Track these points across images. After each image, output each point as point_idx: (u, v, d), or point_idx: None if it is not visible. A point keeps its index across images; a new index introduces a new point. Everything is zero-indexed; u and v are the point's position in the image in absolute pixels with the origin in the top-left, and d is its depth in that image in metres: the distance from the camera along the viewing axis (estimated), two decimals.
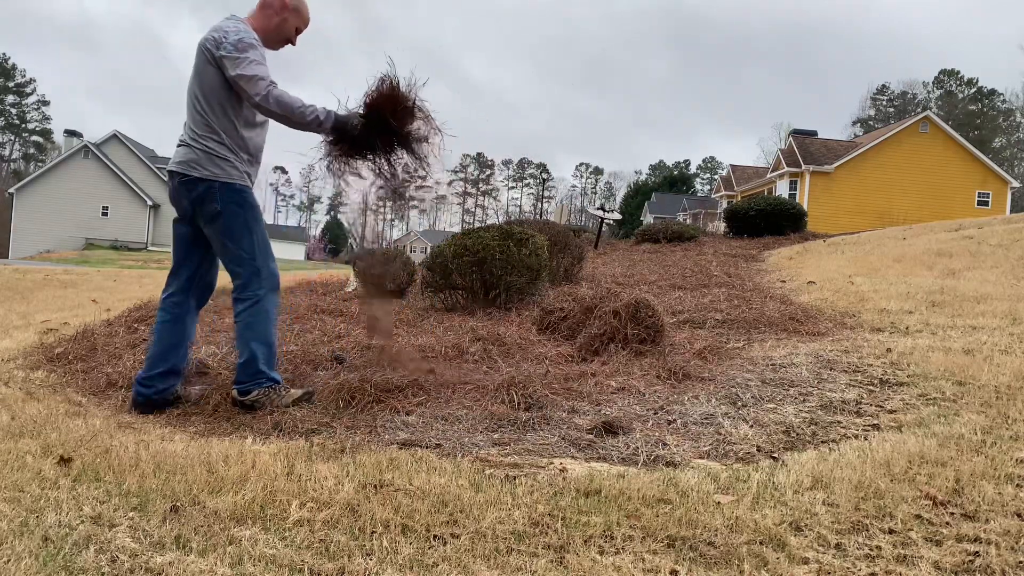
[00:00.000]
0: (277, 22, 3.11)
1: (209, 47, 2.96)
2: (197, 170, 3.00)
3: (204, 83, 2.99)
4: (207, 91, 2.99)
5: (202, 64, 2.99)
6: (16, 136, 76.43)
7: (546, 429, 2.90)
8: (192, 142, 3.01)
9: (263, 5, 3.14)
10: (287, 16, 3.12)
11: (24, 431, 2.76)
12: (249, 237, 3.08)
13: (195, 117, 3.03)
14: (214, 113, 3.00)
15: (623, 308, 4.26)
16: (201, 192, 3.01)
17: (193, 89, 3.03)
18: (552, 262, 6.86)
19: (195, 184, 3.01)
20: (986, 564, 1.74)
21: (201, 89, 3.00)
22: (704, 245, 14.83)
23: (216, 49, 2.94)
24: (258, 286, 3.09)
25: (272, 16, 3.11)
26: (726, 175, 44.81)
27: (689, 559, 1.78)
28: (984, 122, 66.88)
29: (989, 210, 29.33)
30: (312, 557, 1.76)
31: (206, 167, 3.00)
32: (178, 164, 3.05)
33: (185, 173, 3.01)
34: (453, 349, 4.14)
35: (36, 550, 1.75)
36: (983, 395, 3.17)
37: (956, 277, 7.33)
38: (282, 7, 3.11)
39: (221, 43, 2.94)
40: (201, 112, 3.01)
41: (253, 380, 3.09)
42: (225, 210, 3.03)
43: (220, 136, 3.01)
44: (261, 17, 3.11)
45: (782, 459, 2.51)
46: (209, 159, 3.00)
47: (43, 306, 7.65)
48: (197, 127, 3.02)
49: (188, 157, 3.02)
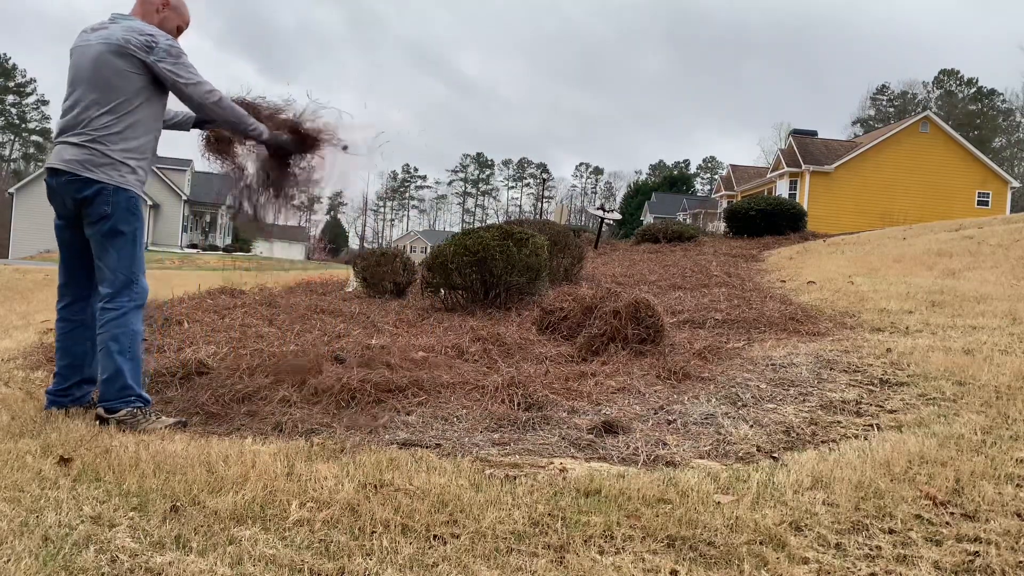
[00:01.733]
0: (158, 20, 3.07)
1: (134, 48, 2.89)
2: (92, 172, 2.89)
3: (121, 84, 2.90)
4: (124, 92, 2.91)
5: (124, 66, 2.90)
6: (16, 136, 76.45)
7: (546, 429, 2.90)
8: (89, 143, 2.90)
9: (142, 1, 3.09)
10: (167, 14, 3.11)
11: (24, 431, 2.76)
12: (132, 247, 2.98)
13: (96, 116, 2.90)
14: (127, 116, 2.93)
15: (623, 308, 4.26)
16: (91, 194, 2.90)
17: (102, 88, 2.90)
18: (552, 262, 6.86)
19: (86, 185, 2.89)
20: (986, 564, 1.74)
21: (113, 89, 2.90)
22: (704, 245, 14.84)
23: (147, 52, 2.89)
24: (128, 298, 2.96)
25: (152, 13, 3.07)
26: (726, 175, 44.82)
27: (689, 559, 1.78)
28: (984, 122, 66.89)
29: (989, 210, 29.33)
30: (312, 557, 1.76)
31: (102, 169, 2.90)
32: (67, 163, 2.91)
33: (75, 173, 2.89)
34: (453, 349, 4.14)
35: (36, 550, 1.75)
36: (983, 395, 3.17)
37: (956, 277, 7.34)
38: (163, 5, 3.09)
39: (152, 46, 2.90)
40: (108, 112, 2.91)
41: (120, 397, 2.90)
42: (115, 215, 2.92)
43: (125, 139, 2.94)
44: (144, 14, 3.07)
45: (782, 459, 2.51)
46: (107, 161, 2.90)
47: (43, 306, 7.66)
48: (97, 127, 2.90)
49: (81, 157, 2.89)
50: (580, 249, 8.00)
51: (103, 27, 2.97)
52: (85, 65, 2.93)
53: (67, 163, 2.90)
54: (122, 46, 2.89)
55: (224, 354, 3.96)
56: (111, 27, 2.95)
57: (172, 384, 3.47)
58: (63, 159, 2.92)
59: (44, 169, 3.06)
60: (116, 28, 2.94)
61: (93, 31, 2.98)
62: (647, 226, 18.12)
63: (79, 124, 2.91)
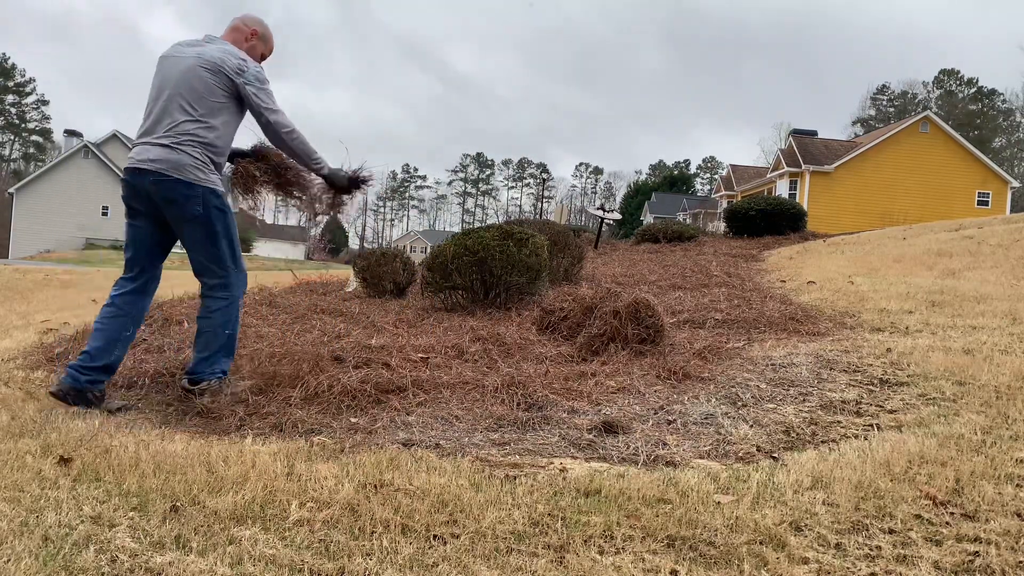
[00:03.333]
0: (246, 48, 3.34)
1: (229, 69, 3.13)
2: (182, 173, 3.07)
3: (209, 97, 3.13)
4: (211, 105, 3.13)
5: (215, 82, 3.13)
6: (16, 136, 76.43)
7: (546, 429, 2.90)
8: (177, 145, 3.08)
9: (234, 29, 3.36)
10: (255, 43, 3.39)
11: (24, 431, 2.76)
12: (228, 241, 3.24)
13: (184, 122, 3.10)
14: (212, 126, 3.14)
15: (623, 308, 4.26)
16: (182, 195, 3.08)
17: (193, 97, 3.11)
18: (552, 262, 6.86)
19: (177, 186, 3.07)
20: (986, 564, 1.74)
21: (202, 100, 3.12)
22: (704, 245, 14.84)
23: (239, 74, 3.15)
24: (234, 287, 3.27)
25: (241, 41, 3.34)
26: (726, 175, 44.81)
27: (689, 559, 1.78)
28: (984, 122, 66.88)
29: (989, 210, 29.33)
30: (312, 557, 1.76)
31: (192, 172, 3.08)
32: (154, 162, 3.07)
33: (165, 173, 3.06)
34: (453, 349, 4.14)
35: (36, 550, 1.75)
36: (983, 395, 3.17)
37: (956, 277, 7.34)
38: (252, 34, 3.38)
39: (244, 70, 3.16)
40: (196, 120, 3.11)
41: (210, 371, 3.23)
42: (208, 214, 3.14)
43: (209, 146, 3.14)
44: (235, 41, 3.33)
45: (782, 459, 2.51)
46: (196, 164, 3.10)
47: (43, 306, 7.66)
48: (185, 132, 3.09)
49: (171, 158, 3.07)
50: (580, 249, 7.99)
51: (198, 44, 3.24)
52: (176, 75, 3.14)
53: (154, 163, 3.08)
54: (217, 64, 3.13)
55: None
56: (207, 46, 3.22)
57: (172, 384, 3.46)
58: (149, 159, 3.09)
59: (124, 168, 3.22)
60: (211, 48, 3.20)
61: (189, 46, 3.23)
62: (647, 226, 18.12)
63: (166, 128, 3.11)
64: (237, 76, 3.15)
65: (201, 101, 3.12)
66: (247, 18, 3.40)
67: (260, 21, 3.43)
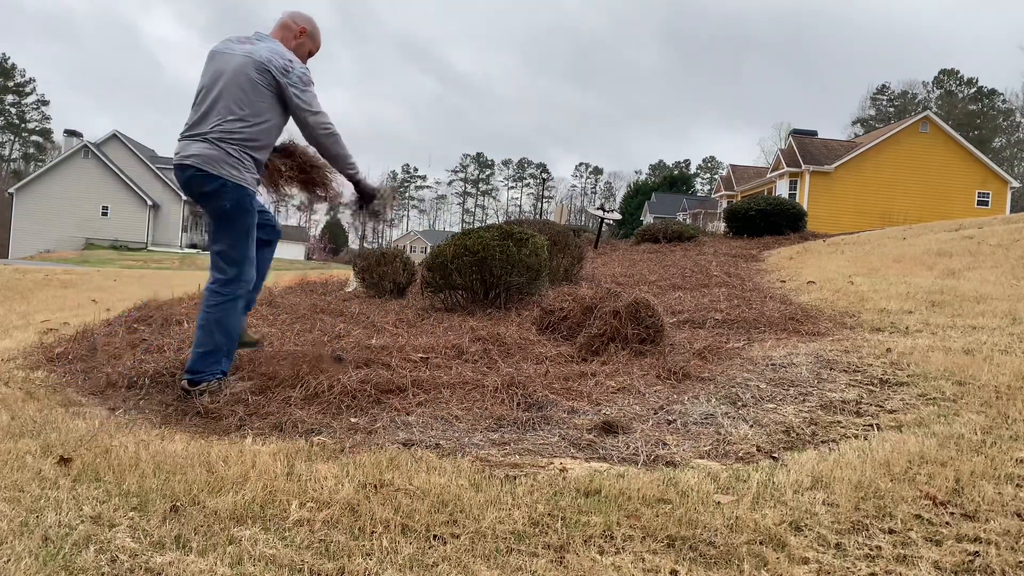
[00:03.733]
0: (296, 44, 3.42)
1: (275, 69, 3.20)
2: (216, 168, 3.15)
3: (254, 95, 3.20)
4: (255, 103, 3.20)
5: (261, 81, 3.20)
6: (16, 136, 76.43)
7: (546, 429, 2.90)
8: (217, 141, 3.17)
9: (283, 26, 3.43)
10: (303, 40, 3.46)
11: (24, 431, 2.76)
12: (244, 240, 3.29)
13: (228, 120, 3.18)
14: (255, 124, 3.22)
15: (623, 308, 4.25)
16: (213, 189, 3.18)
17: (237, 94, 3.18)
18: (552, 262, 6.85)
19: (209, 180, 3.16)
20: (986, 564, 1.74)
21: (250, 99, 3.19)
22: (704, 245, 14.84)
23: (284, 75, 3.22)
24: (236, 286, 3.30)
25: (291, 39, 3.42)
26: (726, 175, 44.80)
27: (689, 559, 1.78)
28: (984, 122, 66.88)
29: (989, 210, 29.32)
30: (312, 557, 1.76)
31: (224, 167, 3.16)
32: (193, 158, 3.17)
33: (200, 168, 3.16)
34: (453, 349, 4.13)
35: (36, 550, 1.75)
36: (983, 395, 3.17)
37: (956, 277, 7.34)
38: (301, 32, 3.44)
39: (289, 71, 3.23)
40: (239, 118, 3.19)
41: (209, 371, 3.25)
42: (235, 211, 3.22)
43: (248, 144, 3.22)
44: (284, 39, 3.40)
45: (782, 459, 2.51)
46: (231, 160, 3.18)
47: (43, 306, 7.66)
48: (227, 129, 3.18)
49: (209, 153, 3.16)
50: (580, 249, 7.99)
51: (248, 42, 3.29)
52: (225, 71, 3.21)
53: (194, 158, 3.18)
54: (264, 63, 3.20)
55: None
56: (257, 44, 3.27)
57: (172, 384, 3.46)
58: (190, 154, 3.19)
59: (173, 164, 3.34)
60: (261, 46, 3.26)
61: (239, 43, 3.29)
62: (647, 226, 18.11)
63: (210, 125, 3.19)
64: (282, 76, 3.21)
65: (246, 100, 3.18)
66: (297, 16, 3.47)
67: (309, 19, 3.49)
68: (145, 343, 4.32)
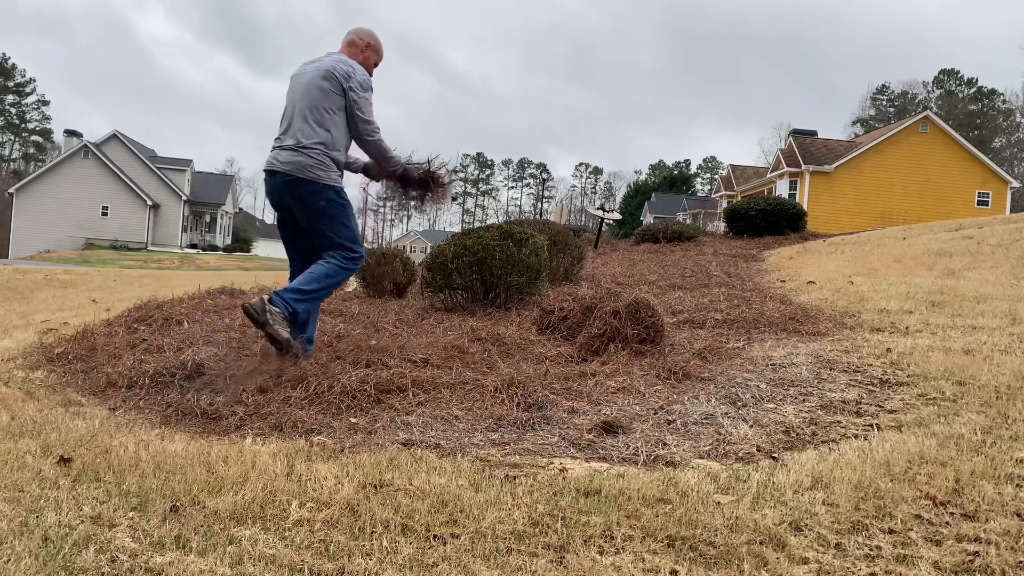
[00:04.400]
0: (362, 59, 3.78)
1: (340, 76, 3.58)
2: (306, 173, 3.56)
3: (325, 102, 3.59)
4: (327, 109, 3.59)
5: (329, 87, 3.58)
6: (16, 136, 76.42)
7: (546, 429, 2.90)
8: (302, 149, 3.57)
9: (350, 43, 3.81)
10: (369, 54, 3.83)
11: (24, 431, 2.76)
12: (347, 226, 3.69)
13: (307, 127, 3.58)
14: (330, 128, 3.60)
15: (623, 308, 4.25)
16: (307, 192, 3.57)
17: (310, 104, 3.59)
18: (552, 262, 6.85)
19: (302, 184, 3.56)
20: (986, 564, 1.74)
21: (322, 106, 3.58)
22: (704, 245, 14.85)
23: (347, 80, 3.59)
24: (346, 259, 3.69)
25: (357, 53, 3.79)
26: (726, 175, 44.80)
27: (689, 559, 1.78)
28: (984, 122, 66.89)
29: (989, 210, 29.33)
30: (312, 557, 1.76)
31: (313, 171, 3.56)
32: (284, 164, 3.58)
33: (291, 174, 3.56)
34: (453, 349, 4.13)
35: (36, 550, 1.75)
36: (983, 395, 3.17)
37: (956, 277, 7.34)
38: (366, 46, 3.82)
39: (351, 77, 3.60)
40: (316, 124, 3.58)
41: (286, 304, 3.49)
42: (329, 207, 3.60)
43: (327, 146, 3.59)
44: (351, 54, 3.78)
45: (782, 459, 2.51)
46: (317, 164, 3.57)
47: (43, 306, 7.66)
48: (308, 135, 3.57)
49: (296, 160, 3.56)
50: (580, 249, 7.99)
51: (318, 60, 3.72)
52: (300, 86, 3.65)
53: (284, 165, 3.58)
54: (329, 71, 3.59)
55: (224, 354, 3.95)
56: (324, 59, 3.69)
57: (172, 384, 3.46)
58: (280, 161, 3.60)
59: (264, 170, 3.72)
60: (328, 59, 3.67)
61: (310, 63, 3.72)
62: (647, 226, 18.12)
63: (292, 134, 3.60)
64: (345, 81, 3.58)
65: (319, 108, 3.58)
66: (361, 32, 3.85)
67: (371, 33, 3.86)
68: (145, 343, 4.32)
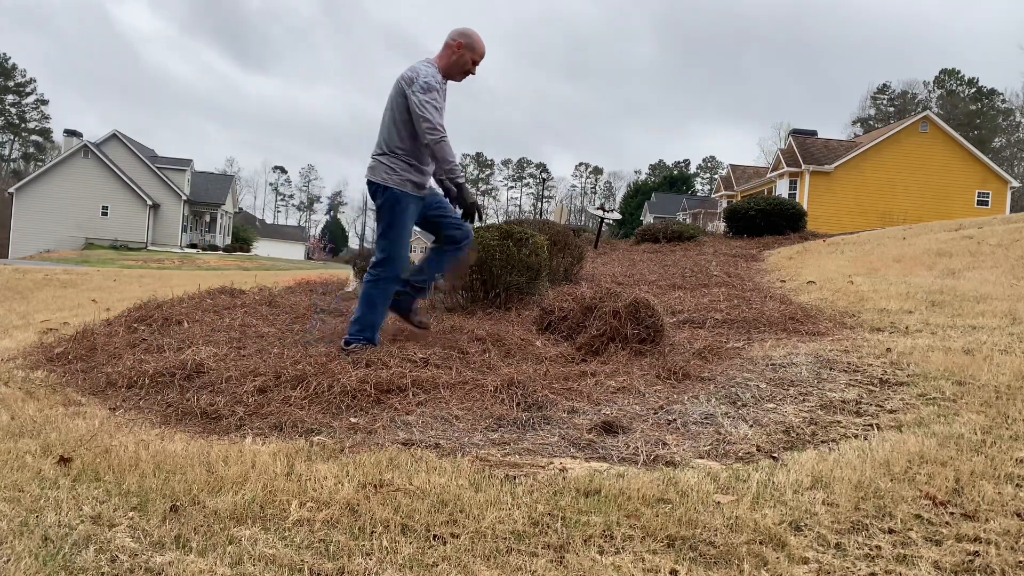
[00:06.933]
0: (455, 59, 3.94)
1: (404, 81, 3.81)
2: (372, 176, 3.93)
3: (397, 110, 3.84)
4: (399, 117, 3.84)
5: (397, 95, 3.84)
6: (16, 136, 76.45)
7: (546, 429, 2.90)
8: (378, 155, 3.93)
9: (445, 46, 3.95)
10: (463, 52, 3.95)
11: (24, 431, 2.76)
12: (393, 232, 3.93)
13: (385, 135, 3.90)
14: (399, 134, 3.85)
15: (623, 308, 4.25)
16: (371, 192, 3.98)
17: (388, 114, 3.89)
18: (552, 262, 6.85)
19: (369, 186, 3.96)
20: (986, 564, 1.74)
21: (394, 115, 3.85)
22: (704, 245, 14.84)
23: (408, 84, 3.79)
24: (384, 269, 3.95)
25: (451, 54, 3.94)
26: (726, 175, 44.81)
27: (689, 559, 1.78)
28: (984, 122, 66.89)
29: (989, 210, 29.33)
30: (312, 557, 1.76)
31: (378, 173, 3.91)
32: (367, 170, 4.00)
33: (367, 177, 3.98)
34: (453, 349, 4.13)
35: (36, 550, 1.75)
36: (983, 395, 3.17)
37: (956, 277, 7.34)
38: (458, 46, 3.94)
39: (413, 81, 3.78)
40: (390, 129, 3.86)
41: (355, 336, 3.91)
42: (382, 208, 3.91)
43: (397, 152, 3.87)
44: (444, 56, 3.94)
45: (782, 459, 2.51)
46: (382, 168, 3.90)
47: (43, 306, 7.66)
48: (384, 142, 3.91)
49: (370, 164, 3.97)
50: (580, 249, 7.99)
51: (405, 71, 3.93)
52: (387, 101, 3.93)
53: (367, 171, 4.00)
54: (400, 79, 3.85)
55: (224, 354, 3.96)
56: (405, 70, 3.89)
57: (172, 384, 3.46)
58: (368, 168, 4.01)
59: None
60: (405, 69, 3.88)
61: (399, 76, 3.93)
62: (647, 226, 18.11)
63: (377, 143, 3.98)
64: (407, 85, 3.79)
65: (395, 116, 3.86)
66: (453, 32, 3.98)
67: (463, 32, 3.97)
68: (145, 343, 4.32)
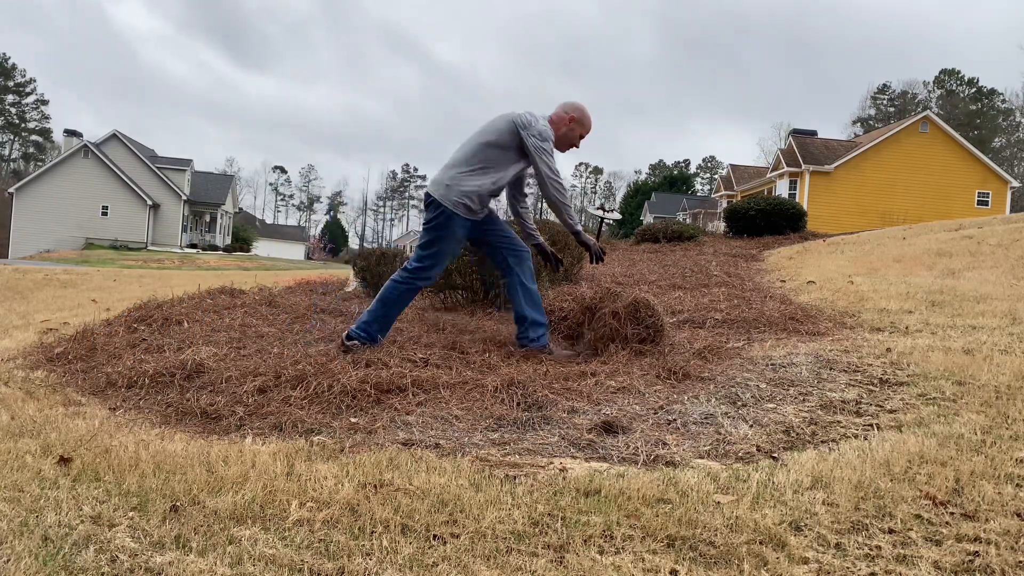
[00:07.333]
0: (564, 131, 4.07)
1: (519, 123, 3.90)
2: (430, 187, 4.02)
3: (495, 141, 3.92)
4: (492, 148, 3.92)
5: (505, 129, 3.91)
6: (16, 136, 76.46)
7: (546, 429, 2.90)
8: (444, 170, 4.00)
9: (554, 120, 4.05)
10: (573, 127, 4.10)
11: (24, 431, 2.76)
12: (430, 247, 3.98)
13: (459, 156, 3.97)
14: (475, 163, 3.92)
15: (623, 308, 4.25)
16: (426, 203, 4.04)
17: (478, 140, 3.95)
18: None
19: (426, 196, 4.02)
20: (986, 564, 1.74)
21: (488, 143, 3.92)
22: (704, 245, 14.84)
23: (525, 128, 3.89)
24: (410, 275, 4.00)
25: (561, 127, 4.07)
26: (726, 175, 44.83)
27: (689, 559, 1.78)
28: (984, 122, 66.90)
29: (989, 210, 29.35)
30: (312, 557, 1.76)
31: (437, 189, 3.96)
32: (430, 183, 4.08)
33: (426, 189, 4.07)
34: (453, 349, 4.13)
35: (36, 550, 1.75)
36: (983, 395, 3.17)
37: (956, 277, 7.34)
38: (570, 119, 4.09)
39: (530, 125, 3.89)
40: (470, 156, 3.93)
41: (358, 330, 3.95)
42: (431, 221, 3.97)
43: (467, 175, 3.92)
44: (553, 125, 4.04)
45: (782, 459, 2.51)
46: (443, 185, 3.94)
47: (43, 306, 7.66)
48: (451, 163, 3.98)
49: (434, 178, 4.04)
50: (580, 249, 7.98)
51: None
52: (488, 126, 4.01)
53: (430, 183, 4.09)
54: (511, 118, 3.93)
55: (224, 354, 3.96)
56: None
57: (172, 384, 3.46)
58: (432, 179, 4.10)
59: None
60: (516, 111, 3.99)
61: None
62: (647, 226, 18.10)
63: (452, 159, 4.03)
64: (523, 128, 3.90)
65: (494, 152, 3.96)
66: (565, 105, 4.12)
67: (575, 106, 4.11)
68: (145, 343, 4.32)
